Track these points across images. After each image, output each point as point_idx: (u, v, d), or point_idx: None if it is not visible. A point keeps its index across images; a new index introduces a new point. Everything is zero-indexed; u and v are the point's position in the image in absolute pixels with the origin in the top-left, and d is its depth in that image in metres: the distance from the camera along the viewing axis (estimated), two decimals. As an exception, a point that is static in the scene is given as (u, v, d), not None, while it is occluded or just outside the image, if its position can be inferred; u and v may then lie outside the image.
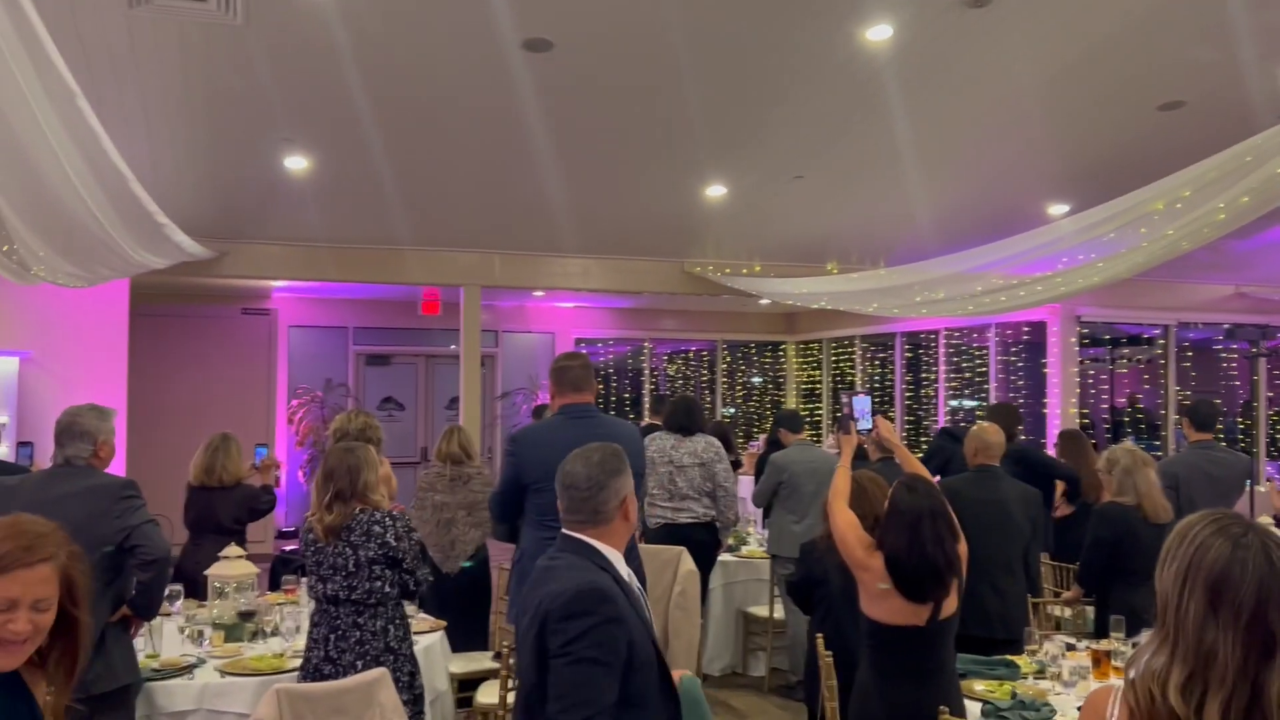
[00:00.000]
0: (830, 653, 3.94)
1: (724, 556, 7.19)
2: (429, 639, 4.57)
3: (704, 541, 6.26)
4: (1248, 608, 1.64)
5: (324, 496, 3.83)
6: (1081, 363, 10.64)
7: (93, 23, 5.20)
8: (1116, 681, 1.80)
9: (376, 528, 3.76)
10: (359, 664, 3.70)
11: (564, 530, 2.67)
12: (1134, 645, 4.17)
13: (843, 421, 4.53)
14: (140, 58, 5.64)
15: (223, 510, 5.65)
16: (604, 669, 2.43)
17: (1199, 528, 1.73)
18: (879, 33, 5.62)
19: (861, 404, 5.29)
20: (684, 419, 6.50)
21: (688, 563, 5.74)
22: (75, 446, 3.78)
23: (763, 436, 13.51)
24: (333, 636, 3.75)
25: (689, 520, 6.30)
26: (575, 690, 2.41)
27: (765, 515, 6.88)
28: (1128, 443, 5.23)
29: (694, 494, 6.32)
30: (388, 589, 3.79)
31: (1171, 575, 1.72)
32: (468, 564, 6.08)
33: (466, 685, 5.35)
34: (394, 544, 3.77)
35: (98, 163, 4.61)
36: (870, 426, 4.98)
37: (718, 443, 6.50)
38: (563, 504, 2.66)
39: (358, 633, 3.75)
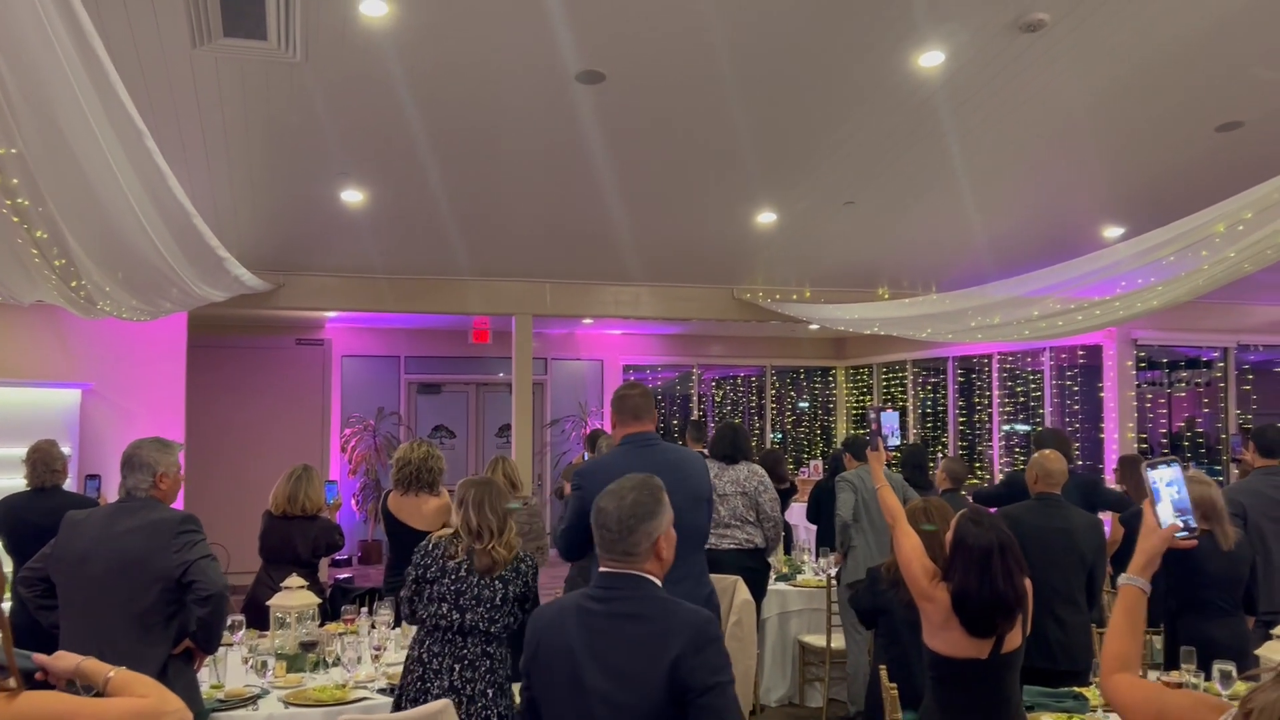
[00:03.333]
0: (895, 685, 3.89)
1: (779, 585, 7.15)
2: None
3: (750, 568, 6.18)
4: None
5: (501, 529, 3.93)
6: (1139, 386, 10.47)
7: (156, 63, 5.32)
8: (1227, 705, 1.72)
9: (523, 565, 3.92)
10: (490, 691, 3.81)
11: (608, 568, 2.59)
12: (1205, 677, 4.08)
13: (872, 438, 4.47)
14: (202, 96, 5.76)
15: (301, 541, 5.63)
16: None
17: None
18: (931, 59, 5.60)
19: (889, 419, 5.26)
20: (728, 448, 6.48)
21: (743, 592, 5.69)
22: (135, 478, 3.80)
23: (814, 463, 13.43)
24: (458, 666, 3.82)
25: (732, 546, 6.26)
26: (735, 712, 2.45)
27: (820, 535, 6.81)
28: (1192, 470, 5.12)
29: (736, 521, 6.29)
30: (515, 624, 3.89)
31: None
32: None
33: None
34: (530, 583, 3.91)
35: (162, 199, 4.70)
36: (899, 443, 4.95)
37: (762, 471, 6.45)
38: (597, 540, 2.59)
39: (488, 661, 3.85)
